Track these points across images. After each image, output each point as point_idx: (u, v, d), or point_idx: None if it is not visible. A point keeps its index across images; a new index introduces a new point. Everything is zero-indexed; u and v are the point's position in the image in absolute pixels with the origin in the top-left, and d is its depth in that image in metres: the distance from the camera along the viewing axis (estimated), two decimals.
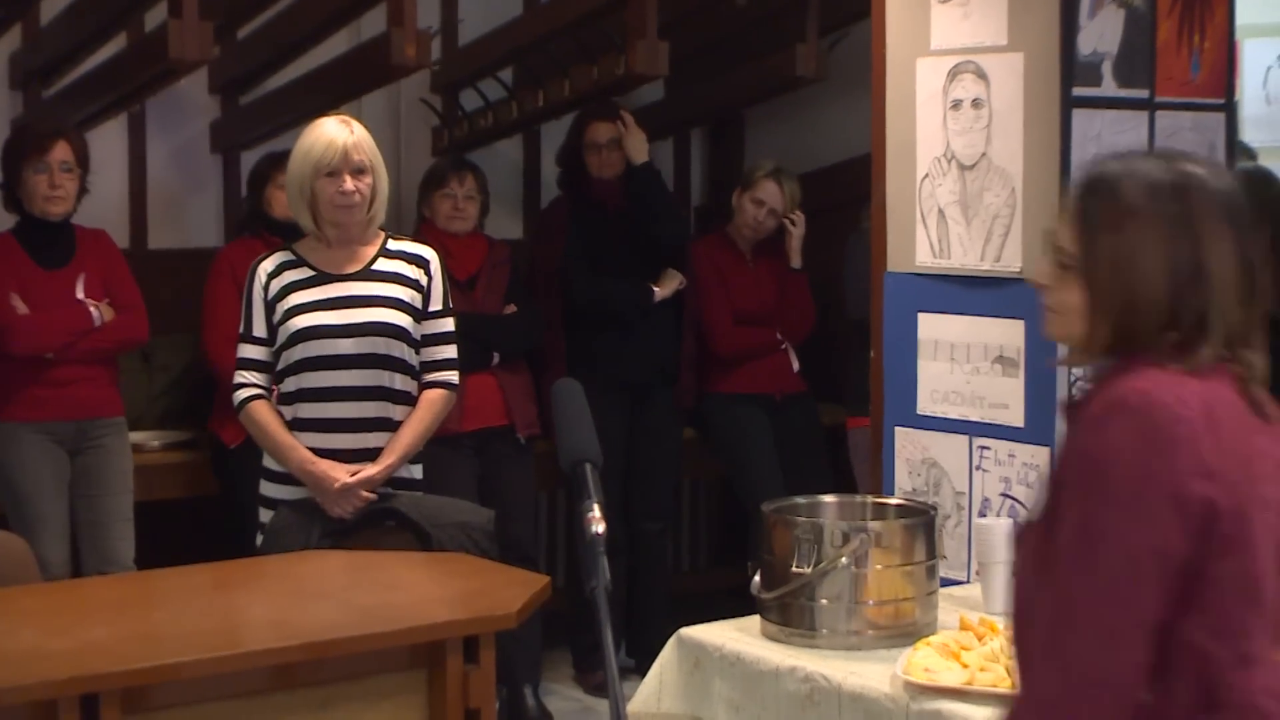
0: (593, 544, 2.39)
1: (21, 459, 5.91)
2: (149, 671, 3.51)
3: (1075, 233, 2.46)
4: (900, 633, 3.50)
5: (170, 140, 7.55)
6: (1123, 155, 2.61)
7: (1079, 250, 2.45)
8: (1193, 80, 4.75)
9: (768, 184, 7.04)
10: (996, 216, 4.63)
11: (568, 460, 2.50)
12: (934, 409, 4.82)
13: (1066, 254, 2.46)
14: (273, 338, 4.81)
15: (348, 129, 4.77)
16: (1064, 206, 2.55)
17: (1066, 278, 2.47)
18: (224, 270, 6.42)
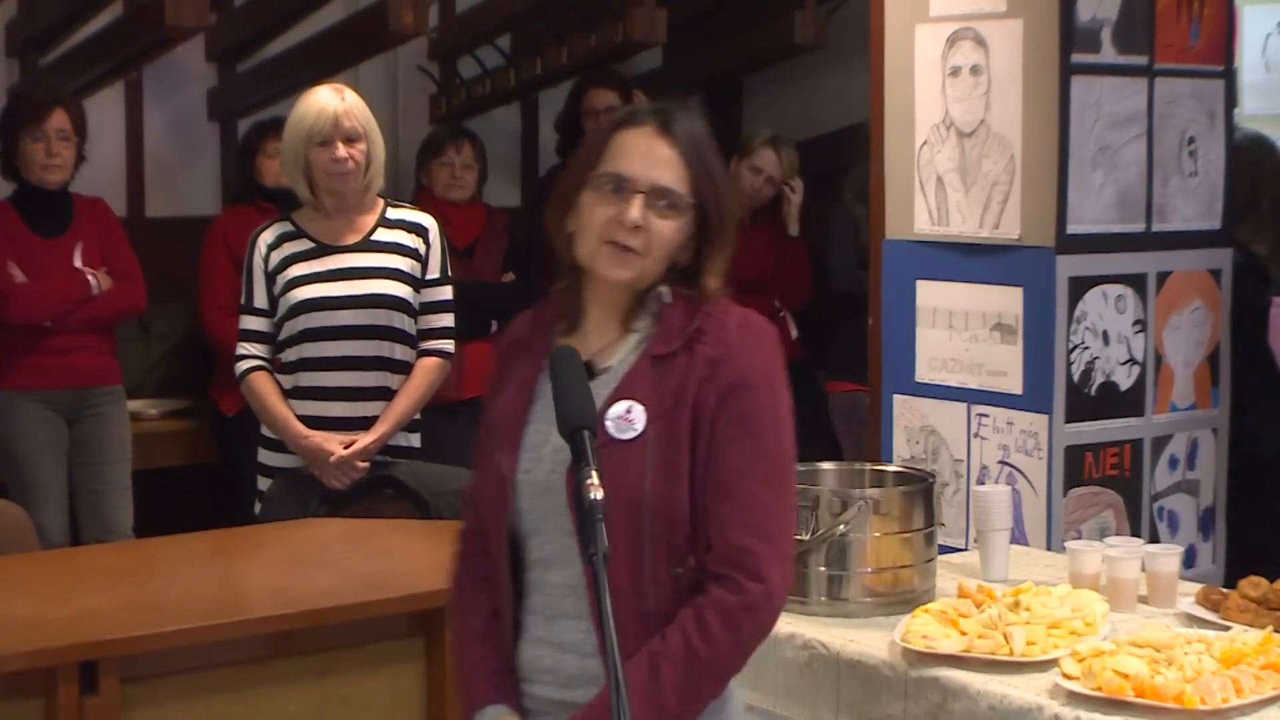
0: (591, 511, 2.38)
1: (20, 427, 5.91)
2: (148, 639, 3.51)
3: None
4: (898, 600, 3.50)
5: (167, 108, 7.54)
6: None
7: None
8: (1192, 47, 4.74)
9: (765, 151, 7.03)
10: (995, 184, 4.62)
11: (566, 427, 2.50)
12: (932, 376, 4.81)
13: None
14: (273, 309, 4.80)
15: (339, 96, 4.76)
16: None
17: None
18: (218, 239, 6.42)
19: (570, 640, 2.63)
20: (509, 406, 2.71)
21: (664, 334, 2.66)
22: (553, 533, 2.62)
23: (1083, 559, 3.59)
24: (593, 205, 2.62)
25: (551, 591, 2.64)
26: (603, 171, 2.62)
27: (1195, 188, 4.80)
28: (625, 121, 2.67)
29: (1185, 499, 4.84)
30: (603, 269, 2.63)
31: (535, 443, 2.66)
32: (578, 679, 2.62)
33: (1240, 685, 2.90)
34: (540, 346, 2.72)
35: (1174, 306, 4.77)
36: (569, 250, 2.67)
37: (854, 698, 3.28)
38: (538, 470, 2.64)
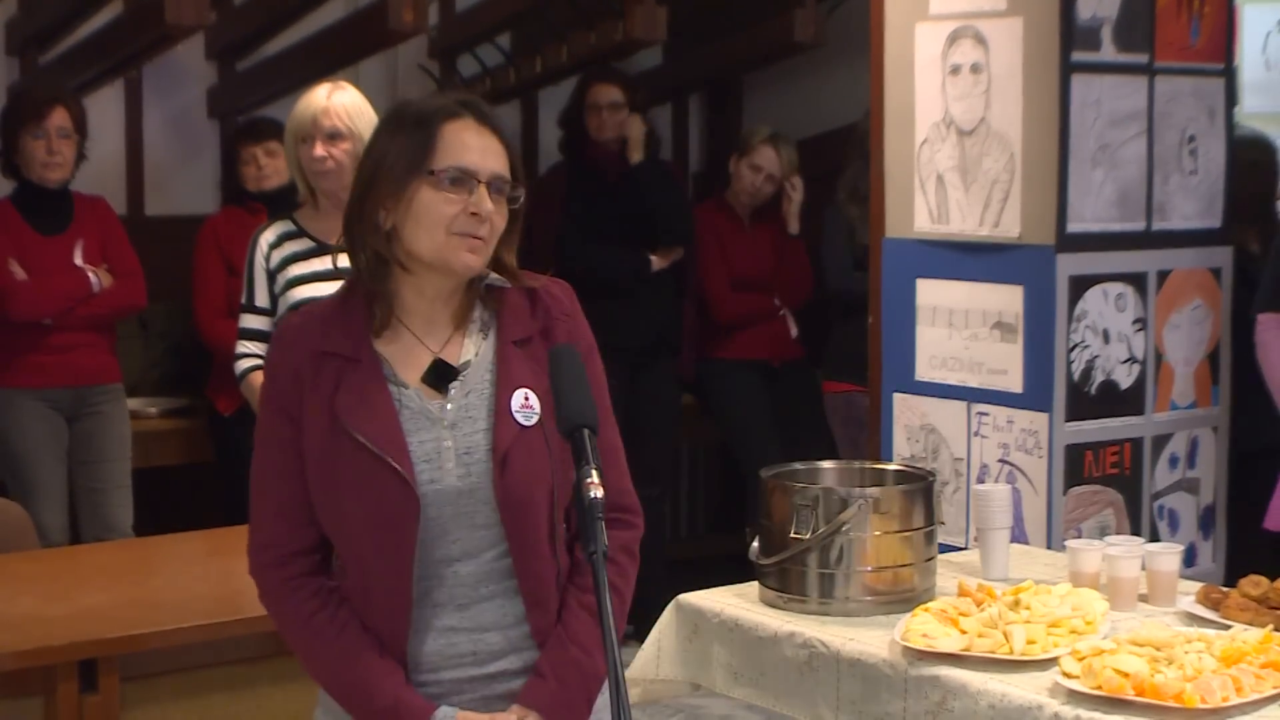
0: (591, 509, 2.39)
1: (20, 425, 5.91)
2: (147, 637, 3.52)
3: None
4: (898, 599, 3.50)
5: (167, 106, 7.54)
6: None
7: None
8: (1192, 45, 4.74)
9: (765, 149, 7.03)
10: (995, 182, 4.62)
11: (566, 426, 2.50)
12: (932, 375, 4.81)
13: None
14: (274, 308, 4.80)
15: (326, 94, 4.74)
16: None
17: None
18: (209, 241, 6.43)
19: (490, 619, 2.69)
20: (374, 422, 2.63)
21: (511, 319, 2.74)
22: (465, 530, 2.65)
23: (1083, 558, 3.59)
24: (434, 199, 2.62)
25: (463, 581, 2.67)
26: (446, 166, 2.62)
27: (1195, 186, 4.80)
28: (442, 115, 2.65)
29: (1185, 497, 4.84)
30: (455, 260, 2.64)
31: (427, 452, 2.64)
32: (501, 651, 2.70)
33: (1240, 684, 2.90)
34: (363, 353, 2.66)
35: (1174, 305, 4.77)
36: (387, 247, 2.66)
37: (854, 696, 3.28)
38: (446, 479, 2.63)
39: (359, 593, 2.68)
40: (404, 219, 2.64)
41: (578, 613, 2.75)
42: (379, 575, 2.65)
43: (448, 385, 2.67)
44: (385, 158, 2.65)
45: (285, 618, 2.72)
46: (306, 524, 2.68)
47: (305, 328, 2.71)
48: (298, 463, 2.66)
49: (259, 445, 2.72)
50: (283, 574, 2.70)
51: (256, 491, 2.72)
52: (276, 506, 2.69)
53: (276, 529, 2.70)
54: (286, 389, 2.67)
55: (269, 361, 2.74)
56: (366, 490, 2.62)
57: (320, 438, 2.63)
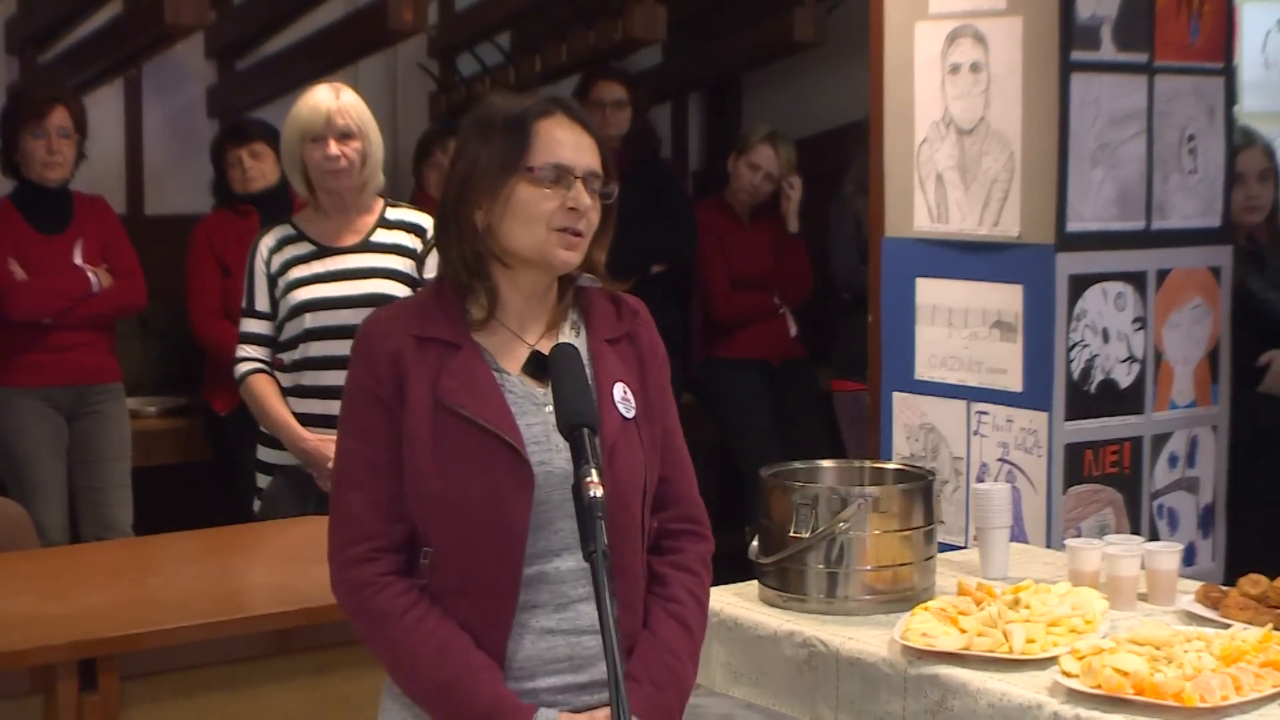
0: (591, 508, 2.39)
1: (19, 425, 5.91)
2: (146, 637, 3.51)
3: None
4: (898, 598, 3.49)
5: (167, 106, 7.54)
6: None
7: None
8: (1192, 44, 4.74)
9: (763, 148, 7.03)
10: (995, 181, 4.62)
11: (566, 425, 2.50)
12: (932, 374, 4.81)
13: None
14: (275, 311, 4.80)
15: (334, 94, 4.76)
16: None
17: None
18: (201, 242, 6.44)
19: (586, 623, 2.66)
20: (483, 402, 2.62)
21: (601, 319, 2.76)
22: (568, 520, 2.60)
23: (1082, 557, 3.59)
24: (532, 196, 2.63)
25: (563, 579, 2.64)
26: (543, 162, 2.63)
27: (1195, 185, 4.80)
28: (536, 113, 2.66)
29: (1185, 496, 4.84)
30: (554, 256, 2.64)
31: (535, 435, 2.63)
32: (595, 657, 2.65)
33: (1240, 683, 2.90)
34: (464, 340, 2.66)
35: (1174, 304, 4.77)
36: (486, 243, 2.66)
37: (853, 695, 3.28)
38: (555, 460, 2.62)
39: (455, 590, 2.63)
40: (501, 217, 2.64)
41: (666, 620, 2.74)
42: (483, 566, 2.61)
43: (548, 375, 2.65)
44: (480, 158, 2.65)
45: (376, 615, 2.64)
46: (397, 519, 2.64)
47: (398, 318, 2.70)
48: (391, 453, 2.63)
49: (345, 440, 2.70)
50: (375, 569, 2.64)
51: (345, 486, 2.68)
52: (368, 500, 2.64)
53: (369, 523, 2.65)
54: (383, 375, 2.64)
55: (356, 353, 2.71)
56: (477, 469, 2.60)
57: (424, 420, 2.61)
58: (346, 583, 2.67)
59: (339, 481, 2.70)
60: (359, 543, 2.65)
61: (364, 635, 2.69)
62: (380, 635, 2.65)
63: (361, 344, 2.71)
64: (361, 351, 2.70)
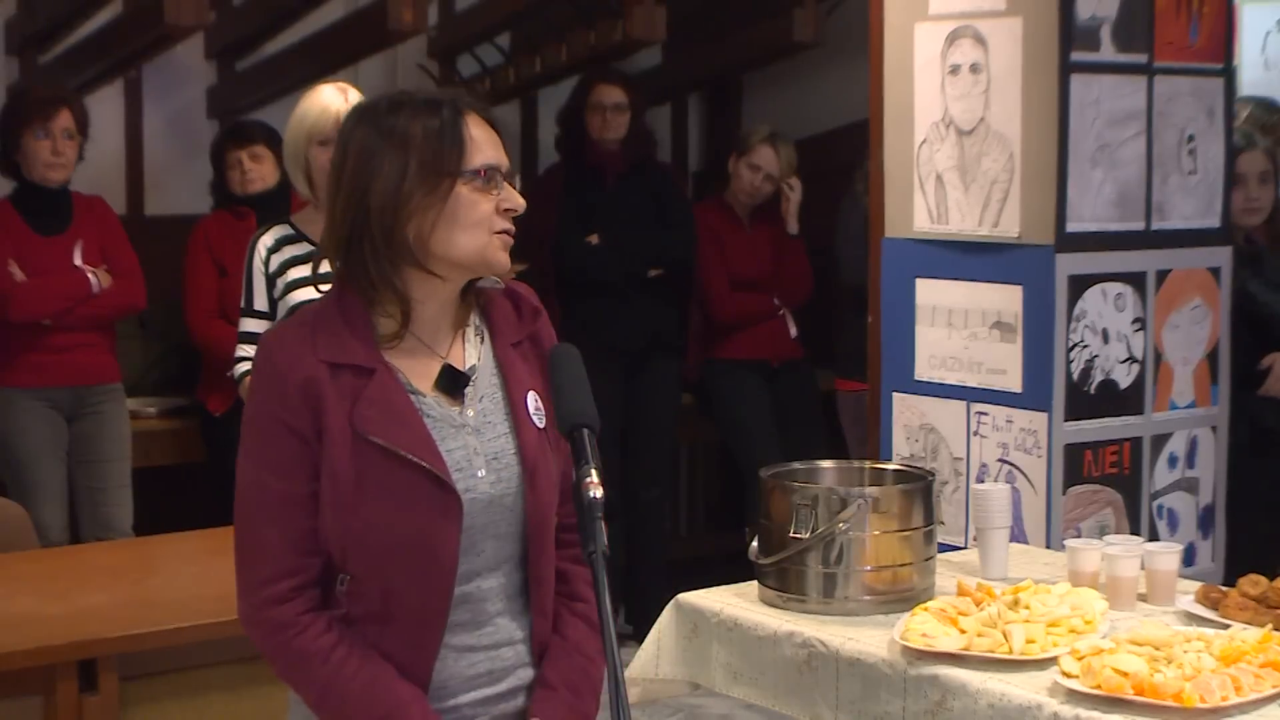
0: (590, 509, 2.38)
1: (20, 425, 5.91)
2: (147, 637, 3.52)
3: None
4: (898, 598, 3.49)
5: (167, 106, 7.54)
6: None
7: None
8: (1191, 45, 4.74)
9: (763, 149, 7.03)
10: (995, 182, 4.62)
11: (565, 425, 2.50)
12: (932, 374, 4.81)
13: None
14: (273, 311, 4.80)
15: (343, 96, 4.75)
16: None
17: None
18: (199, 243, 6.45)
19: (503, 636, 2.64)
20: (404, 431, 2.53)
21: (504, 321, 2.69)
22: (490, 541, 2.59)
23: (1082, 557, 3.59)
24: (474, 199, 2.54)
25: (484, 597, 2.60)
26: (480, 164, 2.55)
27: (1195, 186, 4.80)
28: (459, 111, 2.57)
29: (1185, 497, 4.84)
30: (495, 259, 2.57)
31: (458, 460, 2.56)
32: (511, 668, 2.65)
33: (1239, 683, 2.90)
34: (376, 363, 2.55)
35: (1173, 304, 4.77)
36: (414, 254, 2.54)
37: (853, 696, 3.28)
38: (479, 486, 2.57)
39: (376, 616, 2.55)
40: (438, 225, 2.53)
41: (574, 621, 2.71)
42: (409, 595, 2.54)
43: (462, 391, 2.60)
44: (407, 166, 2.53)
45: (298, 656, 2.55)
46: (314, 552, 2.55)
47: (304, 340, 2.55)
48: (306, 486, 2.52)
49: (253, 472, 2.56)
50: (295, 608, 2.54)
51: (258, 521, 2.56)
52: (285, 536, 2.53)
53: (287, 560, 2.54)
54: (296, 406, 2.51)
55: (261, 380, 2.56)
56: (403, 502, 2.51)
57: (343, 452, 2.50)
58: (265, 623, 2.56)
59: (249, 516, 2.57)
60: (276, 581, 2.54)
61: (284, 675, 2.61)
62: (304, 677, 2.57)
63: (267, 371, 2.56)
64: (268, 378, 2.55)
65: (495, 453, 2.59)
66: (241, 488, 2.59)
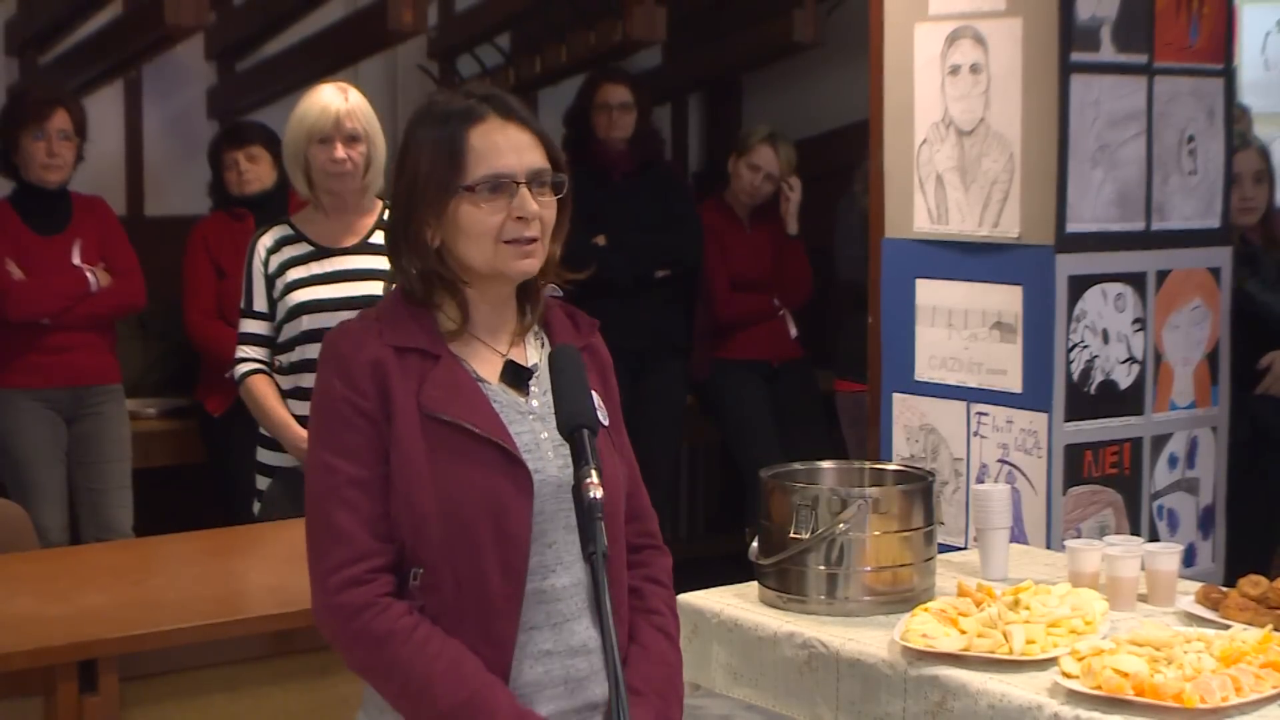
0: (590, 509, 2.38)
1: (19, 426, 5.91)
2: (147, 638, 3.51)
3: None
4: (898, 599, 3.50)
5: (167, 107, 7.54)
6: None
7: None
8: (1191, 45, 4.74)
9: (763, 149, 7.03)
10: (995, 182, 4.62)
11: (566, 426, 2.49)
12: (932, 375, 4.81)
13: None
14: (273, 312, 4.80)
15: (343, 96, 4.76)
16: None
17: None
18: (198, 244, 6.45)
19: (579, 642, 2.60)
20: (473, 410, 2.54)
21: (563, 329, 2.73)
22: (560, 532, 2.57)
23: (1082, 558, 3.59)
24: (476, 214, 2.55)
25: (558, 596, 2.58)
26: (480, 177, 2.55)
27: (1195, 186, 4.80)
28: (465, 123, 2.57)
29: (1185, 497, 4.85)
30: (509, 268, 2.58)
31: (526, 443, 2.57)
32: (588, 679, 2.61)
33: (1240, 684, 2.90)
34: (442, 350, 2.57)
35: (1173, 305, 4.77)
36: (440, 263, 2.58)
37: (853, 696, 3.28)
38: (548, 468, 2.56)
39: (452, 611, 2.51)
40: (450, 236, 2.56)
41: (654, 633, 2.68)
42: (484, 581, 2.51)
43: (526, 383, 2.62)
44: (418, 175, 2.56)
45: (380, 637, 2.49)
46: (388, 538, 2.52)
47: (369, 329, 2.58)
48: (377, 469, 2.52)
49: (323, 457, 2.54)
50: (375, 590, 2.50)
51: (331, 505, 2.52)
52: (359, 519, 2.50)
53: (363, 542, 2.50)
54: (365, 388, 2.52)
55: (327, 369, 2.57)
56: (475, 477, 2.51)
57: (413, 431, 2.51)
58: (343, 607, 2.51)
59: (321, 501, 2.54)
60: (353, 563, 2.50)
61: (364, 661, 2.54)
62: (386, 659, 2.50)
63: (334, 356, 2.57)
64: (335, 364, 2.56)
65: (562, 440, 2.54)
66: (312, 476, 2.58)
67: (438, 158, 2.56)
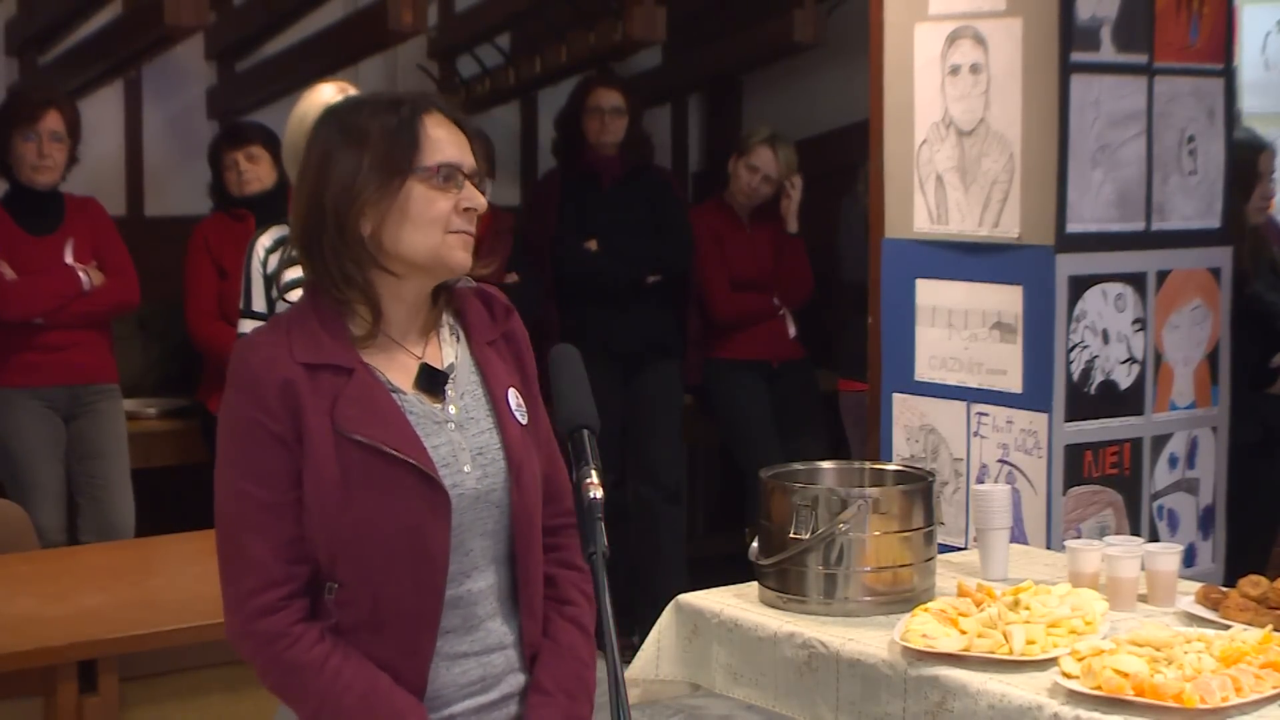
0: (590, 510, 2.38)
1: (16, 425, 5.91)
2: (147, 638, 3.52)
3: None
4: (898, 599, 3.49)
5: (166, 107, 7.54)
6: None
7: None
8: (1191, 45, 4.74)
9: (763, 150, 7.02)
10: (995, 182, 4.62)
11: (565, 426, 2.49)
12: (932, 375, 4.81)
13: None
14: (272, 312, 4.80)
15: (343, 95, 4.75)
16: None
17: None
18: (199, 245, 6.46)
19: (493, 640, 2.61)
20: (387, 428, 2.50)
21: (478, 321, 2.68)
22: (477, 540, 2.56)
23: (1082, 558, 3.59)
24: (428, 197, 2.52)
25: (474, 600, 2.58)
26: (436, 162, 2.52)
27: (1195, 186, 4.80)
28: (419, 111, 2.55)
29: (1185, 498, 4.84)
30: (451, 259, 2.55)
31: (443, 456, 2.54)
32: (501, 674, 2.62)
33: (1240, 684, 2.90)
34: (354, 362, 2.52)
35: (1174, 305, 4.77)
36: (371, 252, 2.52)
37: (853, 696, 3.28)
38: (465, 481, 2.54)
39: (367, 624, 2.51)
40: (391, 222, 2.52)
41: (565, 625, 2.68)
42: (401, 598, 2.51)
43: (442, 388, 2.59)
44: (361, 162, 2.50)
45: (291, 669, 2.50)
46: (302, 560, 2.51)
47: (278, 344, 2.52)
48: (290, 492, 2.50)
49: (233, 481, 2.54)
50: (286, 619, 2.50)
51: (241, 531, 2.53)
52: (270, 545, 2.50)
53: (274, 569, 2.50)
54: (275, 409, 2.48)
55: (237, 386, 2.53)
56: (390, 499, 2.48)
57: (327, 453, 2.48)
58: (255, 635, 2.51)
59: (231, 526, 2.54)
60: (264, 591, 2.50)
61: (277, 688, 2.54)
62: (299, 690, 2.51)
63: (243, 375, 2.52)
64: (245, 383, 2.51)
65: (480, 448, 2.58)
66: (222, 499, 2.57)
67: (392, 140, 2.52)
